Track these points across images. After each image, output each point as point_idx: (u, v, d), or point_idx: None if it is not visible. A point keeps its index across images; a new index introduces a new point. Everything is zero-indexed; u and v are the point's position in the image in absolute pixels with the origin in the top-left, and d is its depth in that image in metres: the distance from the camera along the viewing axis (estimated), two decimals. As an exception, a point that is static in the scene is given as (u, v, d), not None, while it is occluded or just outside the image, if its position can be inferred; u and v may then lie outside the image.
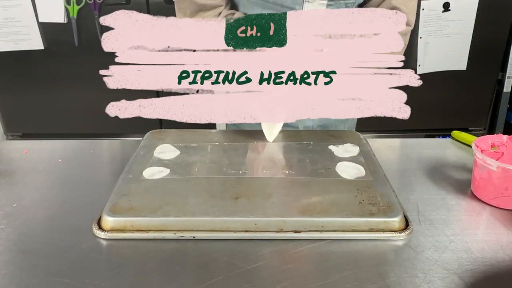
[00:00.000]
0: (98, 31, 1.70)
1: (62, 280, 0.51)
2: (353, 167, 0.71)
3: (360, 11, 0.66)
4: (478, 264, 0.54)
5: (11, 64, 1.79)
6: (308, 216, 0.59)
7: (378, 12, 0.65)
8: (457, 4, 1.67)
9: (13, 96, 1.86)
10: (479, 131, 1.92)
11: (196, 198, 0.63)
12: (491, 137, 0.72)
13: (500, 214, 0.64)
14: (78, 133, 1.78)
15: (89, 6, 1.67)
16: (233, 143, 0.80)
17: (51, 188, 0.72)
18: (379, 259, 0.55)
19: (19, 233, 0.60)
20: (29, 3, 1.67)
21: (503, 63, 1.80)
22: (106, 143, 0.91)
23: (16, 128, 1.93)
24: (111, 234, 0.58)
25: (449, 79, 1.79)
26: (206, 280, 0.51)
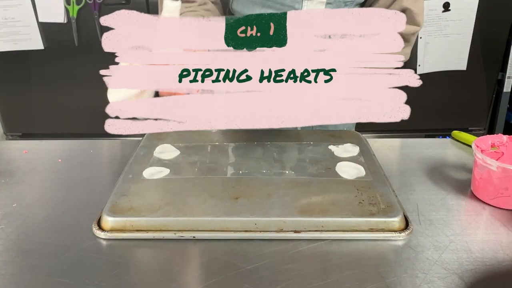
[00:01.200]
0: (98, 31, 1.70)
1: (62, 280, 0.51)
2: (353, 167, 0.72)
3: (360, 11, 0.66)
4: (478, 264, 0.54)
5: (11, 64, 1.79)
6: (308, 216, 0.59)
7: (378, 12, 0.65)
8: (457, 4, 1.67)
9: (13, 96, 1.86)
10: (479, 131, 1.92)
11: (196, 198, 0.63)
12: (491, 137, 0.72)
13: (500, 214, 0.64)
14: (78, 133, 1.78)
15: (89, 6, 1.67)
16: (233, 143, 0.80)
17: (51, 188, 0.72)
18: (379, 259, 0.55)
19: (19, 233, 0.60)
20: (29, 3, 1.67)
21: (503, 63, 1.80)
22: (106, 143, 0.91)
23: (16, 128, 1.93)
24: (111, 234, 0.58)
25: (449, 79, 1.79)
26: (206, 280, 0.51)
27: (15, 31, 1.72)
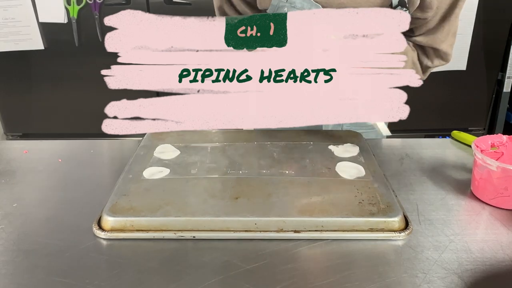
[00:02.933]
0: (98, 31, 1.71)
1: (62, 280, 0.51)
2: (353, 167, 0.72)
3: (364, 11, 0.66)
4: (478, 264, 0.54)
5: (11, 64, 1.79)
6: (308, 216, 0.59)
7: (382, 12, 0.65)
8: (457, 4, 1.66)
9: (13, 96, 1.86)
10: (479, 131, 1.92)
11: (196, 198, 0.63)
12: (491, 137, 0.72)
13: (500, 214, 0.64)
14: (78, 133, 1.78)
15: (89, 6, 1.67)
16: (233, 143, 0.80)
17: (51, 188, 0.72)
18: (379, 259, 0.55)
19: (19, 233, 0.60)
20: (29, 3, 1.67)
21: (503, 63, 1.80)
22: (106, 143, 0.91)
23: (16, 128, 1.93)
24: (111, 234, 0.58)
25: (448, 79, 1.79)
26: (206, 280, 0.51)
27: (16, 31, 1.72)
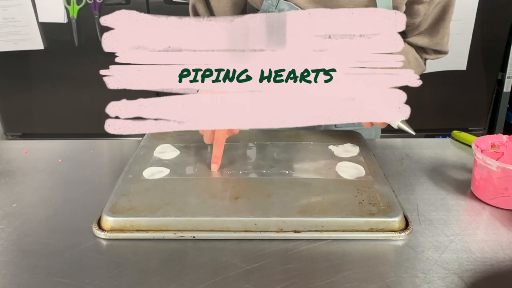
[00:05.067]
0: (98, 31, 1.71)
1: (62, 280, 0.51)
2: (353, 167, 0.72)
3: (360, 11, 0.66)
4: (478, 264, 0.54)
5: (11, 64, 1.79)
6: (308, 216, 0.59)
7: (378, 12, 0.65)
8: (457, 4, 1.66)
9: (13, 96, 1.86)
10: (479, 131, 1.92)
11: (196, 198, 0.63)
12: (491, 137, 0.72)
13: (500, 214, 0.64)
14: (78, 133, 1.78)
15: (89, 6, 1.67)
16: (233, 143, 0.80)
17: (51, 188, 0.72)
18: (379, 259, 0.55)
19: (19, 233, 0.60)
20: (29, 3, 1.67)
21: (503, 63, 1.80)
22: (106, 143, 0.91)
23: (16, 128, 1.93)
24: (111, 234, 0.58)
25: (449, 79, 1.79)
26: (206, 280, 0.51)
27: (15, 31, 1.72)
